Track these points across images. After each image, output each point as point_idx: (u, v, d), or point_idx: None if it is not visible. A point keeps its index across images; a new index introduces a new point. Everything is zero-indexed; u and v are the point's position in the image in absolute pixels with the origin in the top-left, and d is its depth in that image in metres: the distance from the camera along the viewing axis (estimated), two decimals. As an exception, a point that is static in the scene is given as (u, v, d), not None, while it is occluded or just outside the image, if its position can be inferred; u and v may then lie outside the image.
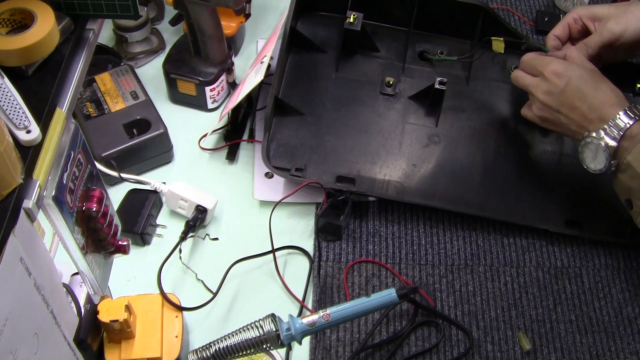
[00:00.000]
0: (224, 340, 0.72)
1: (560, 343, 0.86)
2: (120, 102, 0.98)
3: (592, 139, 0.82)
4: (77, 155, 0.62)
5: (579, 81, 0.84)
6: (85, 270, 0.66)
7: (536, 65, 0.89)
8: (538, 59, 0.90)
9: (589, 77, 0.85)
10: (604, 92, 0.83)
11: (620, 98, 0.83)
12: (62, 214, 0.58)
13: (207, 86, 1.02)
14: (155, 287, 0.83)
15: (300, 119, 0.99)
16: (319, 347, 0.84)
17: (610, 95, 0.83)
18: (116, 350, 0.75)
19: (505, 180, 0.97)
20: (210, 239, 0.93)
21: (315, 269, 0.90)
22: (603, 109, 0.82)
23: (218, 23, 0.98)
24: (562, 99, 0.85)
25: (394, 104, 1.01)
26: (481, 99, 1.03)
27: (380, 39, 1.05)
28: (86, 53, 0.66)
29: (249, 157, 1.02)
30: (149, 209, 0.92)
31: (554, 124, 0.89)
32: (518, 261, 0.93)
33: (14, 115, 0.55)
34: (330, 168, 0.95)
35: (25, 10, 0.62)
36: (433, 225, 0.96)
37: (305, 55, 1.04)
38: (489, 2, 1.23)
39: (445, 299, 0.89)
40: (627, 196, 0.83)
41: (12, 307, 0.50)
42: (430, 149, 0.98)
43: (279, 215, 0.94)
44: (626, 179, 0.81)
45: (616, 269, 0.93)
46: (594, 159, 0.84)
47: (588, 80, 0.84)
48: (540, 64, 0.88)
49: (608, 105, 0.82)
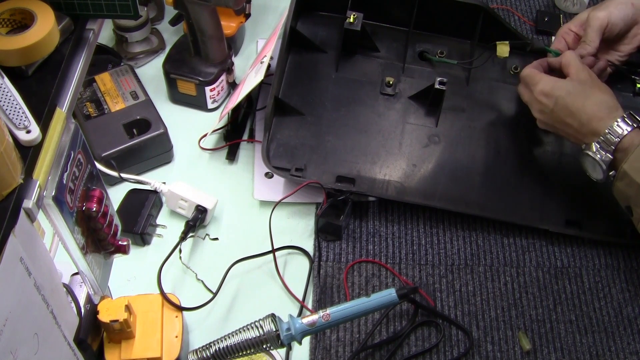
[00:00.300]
0: (224, 340, 0.72)
1: (560, 343, 0.86)
2: (120, 102, 0.98)
3: (588, 152, 0.84)
4: (77, 155, 0.62)
5: (566, 99, 0.85)
6: (85, 270, 0.66)
7: (528, 84, 0.91)
8: (530, 77, 0.91)
9: (578, 92, 0.85)
10: (592, 106, 0.84)
11: (610, 109, 0.83)
12: (62, 214, 0.58)
13: (207, 86, 1.02)
14: (155, 287, 0.83)
15: (300, 119, 0.99)
16: (319, 347, 0.84)
17: (599, 108, 0.83)
18: (116, 350, 0.75)
19: (505, 180, 0.97)
20: (210, 239, 0.93)
21: (315, 269, 0.90)
22: (593, 124, 0.83)
23: (218, 23, 0.98)
24: (554, 117, 0.87)
25: (394, 104, 1.01)
26: (481, 99, 1.03)
27: (380, 39, 1.05)
28: (86, 53, 0.66)
29: (249, 157, 1.02)
30: (149, 209, 0.92)
31: (557, 135, 0.92)
32: (518, 261, 0.93)
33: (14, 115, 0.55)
34: (330, 168, 0.95)
35: (25, 10, 0.62)
36: (433, 225, 0.96)
37: (305, 55, 1.04)
38: (489, 2, 1.23)
39: (445, 299, 0.89)
40: (626, 203, 0.83)
41: (12, 307, 0.50)
42: (430, 149, 0.98)
43: (279, 215, 0.94)
44: (624, 187, 0.82)
45: (616, 269, 0.93)
46: (593, 169, 0.85)
47: (576, 96, 0.85)
48: (531, 83, 0.90)
49: (597, 119, 0.83)
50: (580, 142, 0.86)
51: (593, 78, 0.87)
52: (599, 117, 0.83)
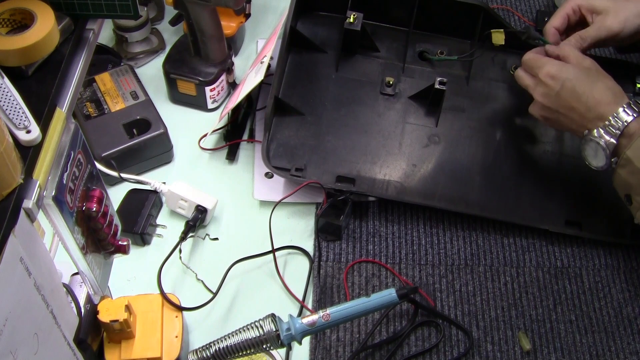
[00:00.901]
0: (224, 340, 0.72)
1: (560, 343, 0.86)
2: (120, 102, 0.98)
3: (591, 137, 0.82)
4: (77, 155, 0.62)
5: (573, 82, 0.84)
6: (85, 270, 0.66)
7: (532, 67, 0.89)
8: (534, 60, 0.89)
9: (584, 77, 0.84)
10: (599, 91, 0.83)
11: (617, 95, 0.83)
12: (62, 214, 0.58)
13: (207, 86, 1.02)
14: (155, 287, 0.83)
15: (300, 119, 0.99)
16: (319, 347, 0.84)
17: (606, 93, 0.83)
18: (116, 350, 0.75)
19: (505, 180, 0.97)
20: (210, 239, 0.93)
21: (315, 269, 0.90)
22: (599, 108, 0.82)
23: (218, 23, 0.98)
24: (559, 101, 0.86)
25: (394, 104, 1.01)
26: (481, 99, 1.03)
27: (380, 39, 1.05)
28: (86, 53, 0.66)
29: (249, 157, 1.02)
30: (149, 209, 0.92)
31: (556, 123, 0.89)
32: (518, 261, 0.93)
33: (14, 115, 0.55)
34: (330, 168, 0.95)
35: (25, 10, 0.62)
36: (433, 225, 0.96)
37: (305, 55, 1.04)
38: (489, 2, 1.23)
39: (445, 299, 0.89)
40: (626, 192, 0.83)
41: (12, 307, 0.50)
42: (430, 149, 0.98)
43: (279, 215, 0.94)
44: (626, 175, 0.81)
45: (616, 269, 0.93)
46: (594, 156, 0.84)
47: (583, 80, 0.84)
48: (536, 66, 0.88)
49: (604, 104, 0.82)
50: (582, 129, 0.84)
51: (596, 66, 0.87)
52: (606, 101, 0.82)
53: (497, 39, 0.97)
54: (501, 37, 0.97)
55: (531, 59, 0.90)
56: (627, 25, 0.90)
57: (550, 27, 0.95)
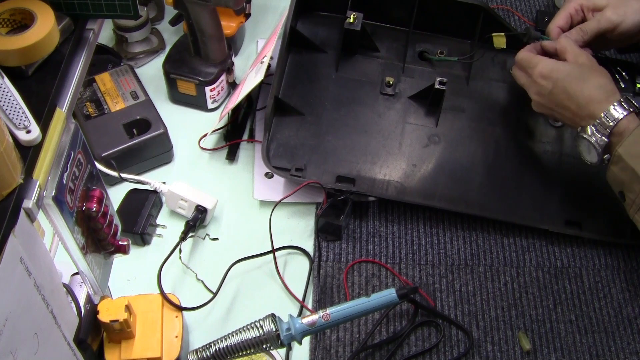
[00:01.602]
0: (224, 340, 0.72)
1: (560, 343, 0.86)
2: (120, 102, 0.98)
3: (584, 135, 0.83)
4: (77, 155, 0.62)
5: (565, 82, 0.85)
6: (85, 270, 0.66)
7: (525, 67, 0.90)
8: (527, 60, 0.90)
9: (576, 75, 0.85)
10: (591, 89, 0.83)
11: (609, 93, 0.83)
12: (62, 214, 0.58)
13: (207, 86, 1.02)
14: (155, 287, 0.83)
15: (300, 119, 0.99)
16: (319, 347, 0.84)
17: (598, 91, 0.83)
18: (116, 350, 0.75)
19: (505, 180, 0.97)
20: (210, 239, 0.93)
21: (315, 269, 0.90)
22: (590, 107, 0.83)
23: (218, 23, 0.98)
24: (552, 99, 0.87)
25: (394, 104, 1.01)
26: (481, 99, 1.03)
27: (380, 39, 1.05)
28: (86, 53, 0.66)
29: (249, 157, 1.02)
30: (149, 209, 0.92)
31: (554, 118, 0.91)
32: (518, 261, 0.93)
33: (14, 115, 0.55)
34: (330, 168, 0.95)
35: (25, 10, 0.62)
36: (433, 225, 0.96)
37: (305, 55, 1.04)
38: (489, 2, 1.23)
39: (445, 299, 0.89)
40: (619, 188, 0.83)
41: (12, 307, 0.50)
42: (430, 149, 0.98)
43: (279, 215, 0.94)
44: (618, 171, 0.82)
45: (616, 269, 0.93)
46: (588, 153, 0.85)
47: (575, 79, 0.84)
48: (529, 66, 0.89)
49: (596, 102, 0.82)
50: (577, 125, 0.85)
51: (592, 61, 0.87)
52: (596, 100, 0.82)
53: (499, 42, 0.98)
54: (502, 40, 0.98)
55: (524, 58, 0.91)
56: (626, 19, 0.91)
57: (554, 26, 0.95)
